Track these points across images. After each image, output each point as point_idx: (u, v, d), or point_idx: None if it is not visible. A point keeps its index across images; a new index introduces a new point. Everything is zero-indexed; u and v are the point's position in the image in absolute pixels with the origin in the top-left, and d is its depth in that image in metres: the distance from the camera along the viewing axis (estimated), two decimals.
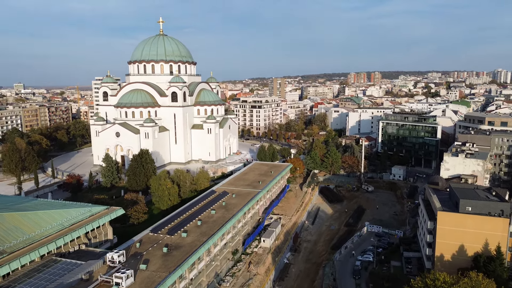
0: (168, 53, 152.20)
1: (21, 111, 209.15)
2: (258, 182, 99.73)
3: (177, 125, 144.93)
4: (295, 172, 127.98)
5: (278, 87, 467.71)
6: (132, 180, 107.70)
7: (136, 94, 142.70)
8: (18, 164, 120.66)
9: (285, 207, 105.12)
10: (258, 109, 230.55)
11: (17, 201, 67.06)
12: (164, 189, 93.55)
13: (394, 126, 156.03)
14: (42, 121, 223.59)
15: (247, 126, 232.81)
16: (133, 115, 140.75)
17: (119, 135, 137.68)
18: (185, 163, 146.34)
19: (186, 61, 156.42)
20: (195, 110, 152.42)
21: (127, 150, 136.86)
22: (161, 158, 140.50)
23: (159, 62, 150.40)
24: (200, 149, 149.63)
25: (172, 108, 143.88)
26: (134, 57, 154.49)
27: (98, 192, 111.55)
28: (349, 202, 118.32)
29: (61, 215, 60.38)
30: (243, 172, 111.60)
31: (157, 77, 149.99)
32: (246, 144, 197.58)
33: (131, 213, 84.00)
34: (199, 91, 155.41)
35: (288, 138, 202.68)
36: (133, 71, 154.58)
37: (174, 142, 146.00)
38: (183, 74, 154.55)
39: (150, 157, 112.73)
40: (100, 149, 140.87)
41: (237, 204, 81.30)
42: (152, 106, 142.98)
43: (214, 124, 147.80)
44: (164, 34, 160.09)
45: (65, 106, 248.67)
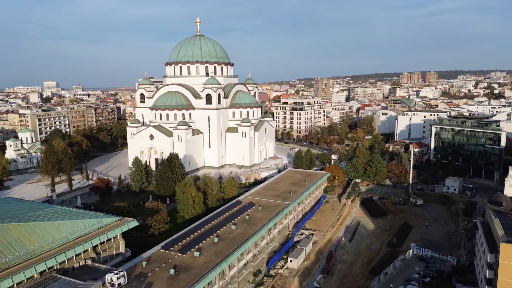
0: (204, 54, 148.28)
1: (69, 112, 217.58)
2: (289, 193, 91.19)
3: (211, 128, 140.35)
4: (334, 181, 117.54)
5: (323, 87, 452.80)
6: (160, 186, 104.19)
7: (170, 96, 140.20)
8: (54, 166, 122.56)
9: (320, 221, 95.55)
10: (298, 111, 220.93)
11: (30, 208, 64.77)
12: (189, 197, 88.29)
13: (449, 132, 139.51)
14: (88, 122, 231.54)
15: (287, 129, 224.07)
16: (167, 117, 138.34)
17: (153, 138, 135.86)
18: (218, 168, 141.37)
19: (222, 62, 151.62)
20: (230, 112, 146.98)
21: (161, 153, 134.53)
22: (194, 161, 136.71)
23: (194, 63, 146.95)
24: (234, 153, 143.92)
25: (206, 111, 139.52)
26: (170, 58, 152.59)
27: (127, 197, 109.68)
28: (394, 217, 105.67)
29: (67, 227, 56.57)
30: (274, 181, 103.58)
31: (192, 78, 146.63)
32: (285, 148, 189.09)
33: (151, 223, 79.54)
34: (234, 93, 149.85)
35: (330, 142, 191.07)
36: (170, 72, 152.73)
37: (208, 146, 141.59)
38: (219, 75, 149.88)
39: (179, 161, 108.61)
40: (135, 151, 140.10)
41: (262, 219, 73.60)
42: (187, 109, 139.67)
43: (249, 127, 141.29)
44: (201, 35, 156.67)
45: (110, 108, 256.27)
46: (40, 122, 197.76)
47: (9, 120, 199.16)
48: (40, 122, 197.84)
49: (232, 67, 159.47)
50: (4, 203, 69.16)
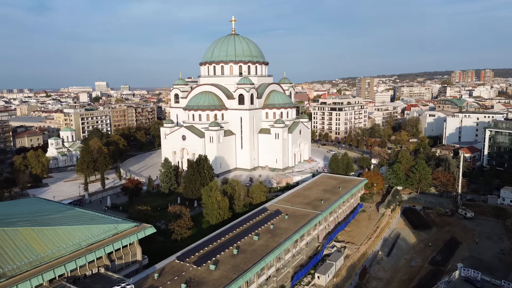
0: (238, 53, 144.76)
1: (110, 111, 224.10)
2: (320, 201, 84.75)
3: (243, 129, 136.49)
4: (372, 188, 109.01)
5: (366, 87, 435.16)
6: (188, 188, 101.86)
7: (203, 97, 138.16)
8: (89, 165, 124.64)
9: (354, 232, 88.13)
10: (338, 112, 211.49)
11: (51, 210, 64.14)
12: (214, 202, 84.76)
13: (506, 136, 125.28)
14: (129, 121, 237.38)
15: (325, 130, 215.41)
16: (199, 118, 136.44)
17: (185, 138, 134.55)
18: (250, 170, 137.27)
19: (256, 61, 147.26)
20: (263, 113, 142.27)
21: (192, 153, 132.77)
22: (225, 163, 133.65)
23: (228, 63, 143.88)
24: (267, 155, 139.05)
25: (239, 111, 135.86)
26: (205, 58, 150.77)
27: (156, 198, 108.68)
28: (439, 231, 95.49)
29: (81, 233, 54.74)
30: (305, 187, 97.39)
31: (225, 78, 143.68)
32: (322, 150, 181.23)
33: (173, 228, 76.83)
34: (268, 93, 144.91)
35: (371, 145, 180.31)
36: (204, 72, 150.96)
37: (240, 147, 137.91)
38: (252, 75, 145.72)
39: (208, 163, 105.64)
40: (168, 151, 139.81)
41: (287, 229, 68.12)
42: (219, 109, 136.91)
43: (282, 128, 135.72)
44: (236, 33, 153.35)
45: (150, 107, 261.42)
46: (83, 121, 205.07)
47: (55, 119, 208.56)
48: (83, 121, 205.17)
49: (266, 67, 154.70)
50: (27, 204, 69.44)
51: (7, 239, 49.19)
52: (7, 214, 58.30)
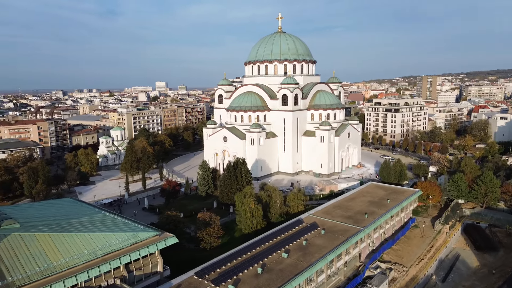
0: (284, 51, 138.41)
1: (161, 111, 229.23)
2: (364, 214, 75.84)
3: (286, 131, 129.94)
4: (428, 200, 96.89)
5: (428, 86, 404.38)
6: (224, 193, 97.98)
7: (246, 97, 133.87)
8: (133, 164, 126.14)
9: (403, 251, 77.91)
10: (393, 113, 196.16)
11: (78, 213, 63.21)
12: (247, 209, 79.60)
13: None
14: (179, 121, 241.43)
15: (379, 133, 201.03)
16: (241, 119, 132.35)
17: (226, 140, 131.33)
18: (293, 174, 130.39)
19: (303, 60, 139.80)
20: (309, 114, 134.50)
21: (233, 156, 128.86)
22: (267, 166, 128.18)
23: (272, 62, 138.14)
24: (311, 159, 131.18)
25: (282, 113, 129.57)
26: (249, 57, 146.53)
27: (192, 201, 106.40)
28: (508, 254, 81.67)
29: (98, 241, 52.39)
30: (349, 197, 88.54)
31: (269, 78, 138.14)
32: (374, 154, 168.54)
33: (202, 236, 72.93)
34: (314, 93, 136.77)
35: (430, 151, 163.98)
36: (248, 72, 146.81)
37: (283, 150, 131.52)
38: (298, 74, 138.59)
39: (246, 167, 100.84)
40: (210, 153, 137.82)
41: (322, 247, 60.80)
42: (262, 110, 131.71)
43: (328, 131, 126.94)
44: (283, 31, 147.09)
45: (200, 107, 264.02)
46: (135, 120, 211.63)
47: (110, 118, 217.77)
48: (135, 121, 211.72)
49: (314, 65, 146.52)
50: (57, 206, 69.55)
51: (22, 245, 48.03)
52: (32, 217, 57.96)
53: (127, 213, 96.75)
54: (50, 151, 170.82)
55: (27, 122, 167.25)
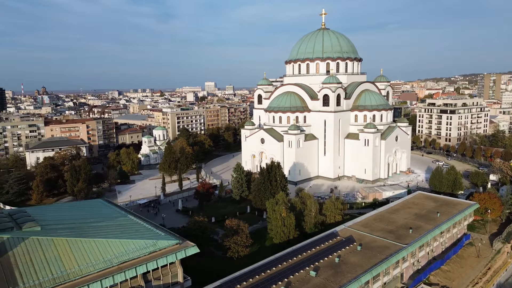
0: (326, 49, 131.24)
1: (204, 111, 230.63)
2: (409, 229, 67.69)
3: (327, 133, 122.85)
4: (486, 214, 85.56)
5: (491, 85, 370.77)
6: (257, 197, 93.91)
7: (285, 98, 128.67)
8: (171, 165, 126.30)
9: (454, 272, 68.58)
10: (449, 114, 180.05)
11: (103, 216, 62.22)
12: (278, 218, 74.77)
13: None
14: (222, 121, 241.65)
15: (432, 136, 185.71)
16: (280, 120, 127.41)
17: (263, 142, 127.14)
18: (334, 179, 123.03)
19: (347, 58, 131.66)
20: (352, 116, 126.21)
21: (271, 158, 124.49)
22: (305, 170, 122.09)
23: (314, 60, 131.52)
24: (354, 163, 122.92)
25: (323, 114, 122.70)
26: (290, 56, 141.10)
27: (226, 204, 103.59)
28: None
29: (116, 248, 50.44)
30: (393, 208, 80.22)
31: (310, 77, 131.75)
32: (426, 159, 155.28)
33: (229, 245, 69.29)
34: (359, 93, 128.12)
35: (491, 157, 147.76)
36: (289, 71, 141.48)
37: (323, 153, 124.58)
38: (342, 73, 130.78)
39: (281, 171, 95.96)
40: (247, 155, 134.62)
41: (357, 266, 54.34)
42: (301, 111, 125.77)
43: (373, 134, 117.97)
44: (326, 28, 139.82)
45: (243, 107, 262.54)
46: (179, 120, 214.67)
47: (155, 118, 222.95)
48: (179, 120, 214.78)
49: (359, 63, 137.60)
50: (86, 207, 69.44)
51: (39, 250, 47.19)
52: (55, 219, 57.72)
53: (160, 214, 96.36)
54: (97, 149, 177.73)
55: (77, 121, 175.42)
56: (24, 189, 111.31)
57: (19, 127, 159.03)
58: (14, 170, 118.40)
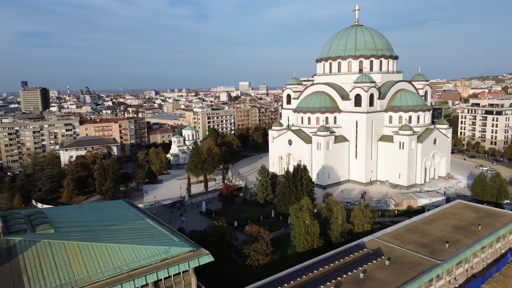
0: (359, 46, 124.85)
1: (235, 111, 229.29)
2: (445, 243, 61.36)
3: (359, 135, 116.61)
4: None
5: None
6: (281, 202, 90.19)
7: (314, 97, 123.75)
8: (198, 165, 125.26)
9: None
10: (495, 116, 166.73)
11: (121, 219, 61.07)
12: (301, 225, 70.72)
13: None
14: (252, 121, 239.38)
15: (476, 139, 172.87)
16: (308, 121, 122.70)
17: (291, 143, 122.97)
18: (365, 184, 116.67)
19: (381, 55, 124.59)
20: (386, 117, 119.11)
21: (298, 161, 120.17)
22: (335, 174, 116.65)
23: (346, 58, 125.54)
24: (387, 167, 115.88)
25: (354, 114, 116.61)
26: (321, 54, 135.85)
27: (250, 208, 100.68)
28: None
29: (127, 254, 48.74)
30: (428, 218, 73.61)
31: (342, 76, 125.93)
32: (469, 164, 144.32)
33: (248, 252, 66.18)
34: (394, 93, 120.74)
35: None
36: (319, 70, 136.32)
37: (354, 156, 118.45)
38: (375, 71, 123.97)
39: (307, 175, 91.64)
40: (274, 156, 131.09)
41: (384, 283, 49.37)
42: (331, 112, 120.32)
43: (409, 136, 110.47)
44: (359, 24, 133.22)
45: (274, 107, 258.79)
46: (209, 120, 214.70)
47: (186, 117, 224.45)
48: (209, 120, 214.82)
49: (395, 61, 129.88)
50: (105, 208, 68.81)
51: (49, 254, 46.32)
52: (72, 221, 57.13)
53: (185, 215, 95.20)
54: (129, 148, 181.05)
55: (110, 120, 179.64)
56: (56, 187, 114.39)
57: (55, 126, 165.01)
58: (48, 168, 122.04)
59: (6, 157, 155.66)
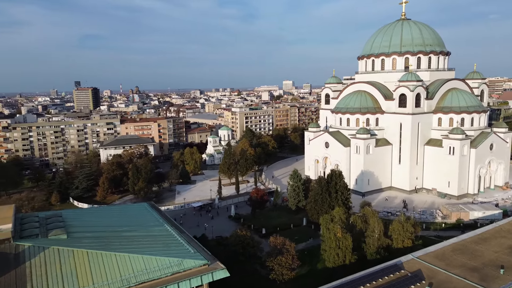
0: (405, 42, 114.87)
1: (273, 111, 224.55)
2: (500, 268, 52.26)
3: (403, 138, 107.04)
4: None
5: None
6: (313, 210, 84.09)
7: (354, 97, 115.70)
8: (230, 167, 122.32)
9: None
10: None
11: (137, 225, 58.81)
12: (332, 238, 64.62)
13: None
14: (292, 121, 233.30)
15: None
16: (347, 122, 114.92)
17: (328, 146, 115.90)
18: (409, 191, 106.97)
19: (430, 51, 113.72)
20: (435, 119, 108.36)
21: (335, 165, 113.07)
22: (375, 180, 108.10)
23: (390, 55, 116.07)
24: (435, 174, 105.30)
25: (398, 116, 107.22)
26: (363, 51, 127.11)
27: (280, 214, 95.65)
28: None
29: (137, 265, 45.84)
30: (481, 236, 63.95)
31: (385, 74, 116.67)
32: None
33: (272, 266, 61.26)
34: (445, 93, 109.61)
35: None
36: (361, 68, 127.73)
37: (398, 162, 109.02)
38: (423, 69, 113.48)
39: (343, 182, 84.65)
40: (310, 159, 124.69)
41: None
42: (373, 113, 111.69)
43: (461, 141, 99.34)
44: (407, 18, 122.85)
45: (314, 107, 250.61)
46: (247, 120, 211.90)
47: (224, 117, 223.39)
48: (247, 120, 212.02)
49: (446, 58, 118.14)
50: (125, 211, 67.19)
51: (56, 262, 44.49)
52: (88, 226, 55.58)
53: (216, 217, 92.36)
54: (168, 148, 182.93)
55: (150, 120, 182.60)
56: (92, 185, 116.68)
57: (98, 125, 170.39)
58: (86, 166, 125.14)
59: (52, 154, 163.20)
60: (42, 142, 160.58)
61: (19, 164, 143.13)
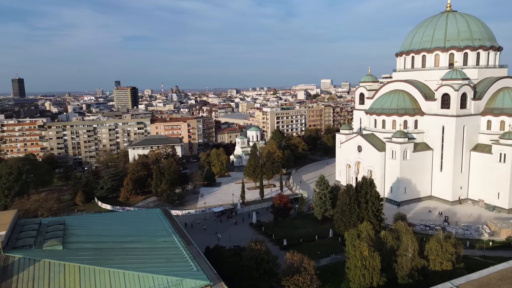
0: (450, 36, 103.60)
1: (306, 110, 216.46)
2: None
3: (446, 143, 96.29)
4: None
5: None
6: (340, 221, 76.69)
7: (391, 97, 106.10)
8: (256, 170, 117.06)
9: None
10: None
11: (142, 234, 54.88)
12: (358, 257, 57.26)
13: None
14: (326, 121, 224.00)
15: None
16: (383, 124, 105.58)
17: (360, 150, 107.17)
18: (452, 202, 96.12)
19: (479, 47, 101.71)
20: (483, 122, 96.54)
21: (368, 170, 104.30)
22: (413, 188, 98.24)
23: (432, 51, 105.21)
24: (482, 184, 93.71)
25: (440, 118, 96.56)
26: (402, 47, 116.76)
27: (304, 223, 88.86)
28: None
29: (132, 283, 41.65)
30: None
31: (426, 72, 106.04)
32: None
33: (288, 286, 55.05)
34: (495, 92, 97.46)
35: None
36: (399, 66, 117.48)
37: (439, 169, 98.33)
38: (471, 66, 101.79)
39: (374, 191, 76.50)
40: (341, 163, 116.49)
41: None
42: (411, 114, 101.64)
43: (511, 146, 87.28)
44: (453, 10, 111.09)
45: (351, 107, 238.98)
46: (278, 120, 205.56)
47: (255, 117, 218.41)
48: (278, 120, 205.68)
49: (497, 54, 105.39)
50: (135, 218, 63.83)
51: (45, 277, 40.94)
52: (89, 235, 52.27)
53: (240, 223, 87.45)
54: (197, 148, 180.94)
55: (179, 119, 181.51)
56: (117, 186, 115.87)
57: (129, 124, 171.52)
58: (111, 166, 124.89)
59: (85, 153, 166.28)
60: (76, 140, 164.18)
61: (53, 162, 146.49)
